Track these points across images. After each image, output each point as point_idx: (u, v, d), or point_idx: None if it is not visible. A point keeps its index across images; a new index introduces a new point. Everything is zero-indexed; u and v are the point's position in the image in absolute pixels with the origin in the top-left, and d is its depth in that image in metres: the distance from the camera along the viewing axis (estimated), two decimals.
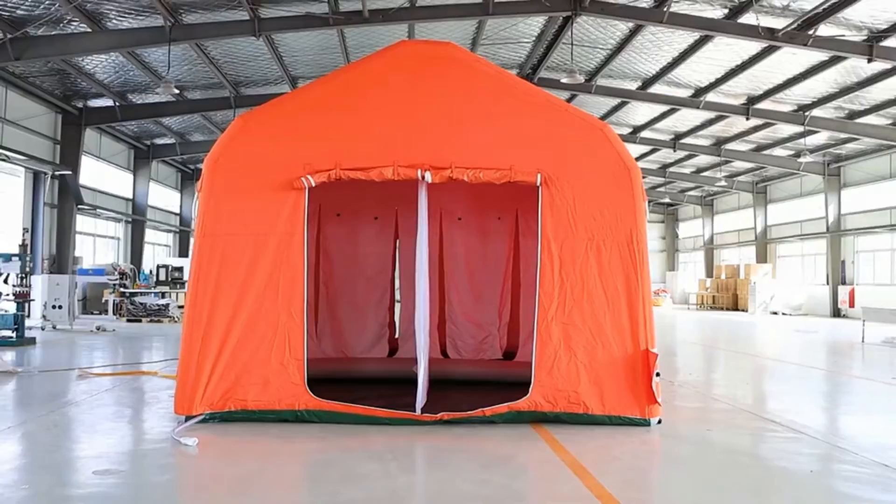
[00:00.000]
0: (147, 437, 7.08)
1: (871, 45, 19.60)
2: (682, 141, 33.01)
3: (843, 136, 29.10)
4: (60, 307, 19.91)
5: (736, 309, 40.06)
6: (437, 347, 10.63)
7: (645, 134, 32.20)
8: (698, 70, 23.65)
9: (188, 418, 7.22)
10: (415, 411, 7.29)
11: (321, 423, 7.26)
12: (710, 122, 29.73)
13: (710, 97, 25.86)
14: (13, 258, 15.45)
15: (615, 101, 27.54)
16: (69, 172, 25.66)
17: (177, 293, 26.55)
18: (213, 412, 7.27)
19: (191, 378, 7.22)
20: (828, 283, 34.52)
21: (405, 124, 7.61)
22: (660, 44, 21.71)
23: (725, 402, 9.39)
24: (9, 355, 13.06)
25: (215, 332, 7.26)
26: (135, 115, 27.42)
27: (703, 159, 37.33)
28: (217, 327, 7.26)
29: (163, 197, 38.60)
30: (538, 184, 7.47)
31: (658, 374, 7.35)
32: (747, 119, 27.18)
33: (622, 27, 20.70)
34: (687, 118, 29.58)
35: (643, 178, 8.05)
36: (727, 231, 47.24)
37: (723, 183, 39.87)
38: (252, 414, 7.29)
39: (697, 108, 26.30)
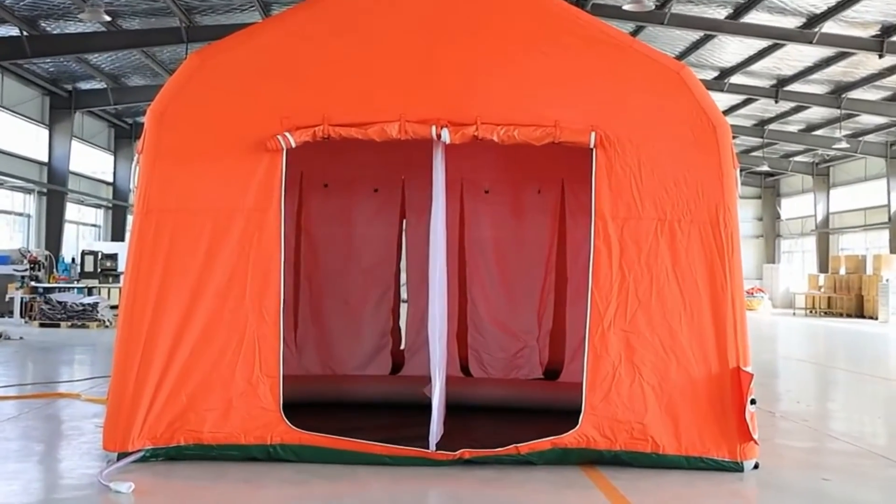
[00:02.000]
0: (64, 482, 7.17)
1: None
2: (788, 88, 32.78)
3: None
4: None
5: (861, 315, 39.77)
6: (456, 363, 10.68)
7: (736, 79, 32.00)
8: None
9: (122, 456, 7.27)
10: (427, 447, 7.35)
11: (301, 462, 7.31)
12: (828, 62, 29.45)
13: (829, 27, 25.60)
14: None
15: (696, 35, 27.38)
16: None
17: (109, 289, 26.75)
18: (156, 448, 7.34)
19: (126, 402, 7.28)
20: None
21: (416, 66, 7.64)
22: None
23: (848, 441, 9.38)
24: None
25: (161, 340, 7.33)
26: (50, 50, 27.42)
27: (815, 113, 37.06)
28: (163, 334, 7.33)
29: (90, 161, 38.81)
30: (592, 145, 7.49)
31: (754, 402, 7.36)
32: (880, 57, 26.81)
33: None
34: (795, 57, 29.36)
35: (733, 137, 8.03)
36: (849, 210, 46.91)
37: (844, 145, 39.52)
38: (209, 450, 7.37)
39: (810, 42, 26.04)
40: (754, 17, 25.39)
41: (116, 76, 33.03)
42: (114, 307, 23.65)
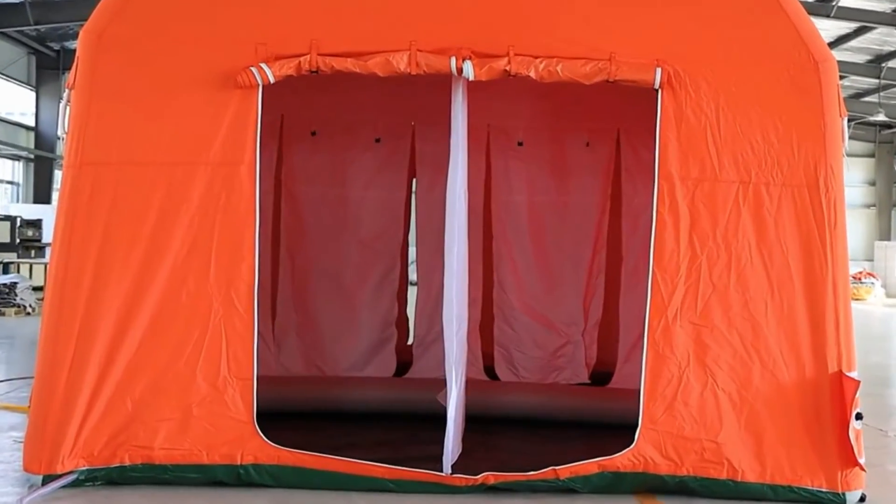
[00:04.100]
0: None
1: None
2: None
3: None
4: None
5: None
6: (478, 362, 10.78)
7: (847, 1, 31.85)
8: None
9: (48, 479, 7.31)
10: (440, 469, 7.40)
11: (280, 487, 7.38)
12: None
13: None
14: None
15: None
16: None
17: (31, 265, 26.86)
18: (92, 469, 7.40)
19: (55, 411, 7.31)
20: None
21: None
22: None
23: None
24: None
25: (99, 331, 7.36)
26: None
27: None
28: (102, 324, 7.36)
29: (4, 98, 38.83)
30: (657, 85, 7.48)
31: (860, 417, 7.39)
32: None
33: None
34: None
35: (841, 77, 8.01)
36: None
37: None
38: (161, 471, 7.43)
39: None
40: None
41: None
42: (38, 289, 23.77)
